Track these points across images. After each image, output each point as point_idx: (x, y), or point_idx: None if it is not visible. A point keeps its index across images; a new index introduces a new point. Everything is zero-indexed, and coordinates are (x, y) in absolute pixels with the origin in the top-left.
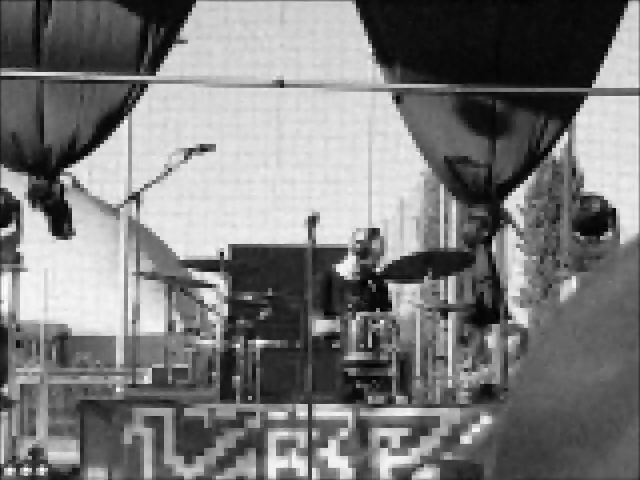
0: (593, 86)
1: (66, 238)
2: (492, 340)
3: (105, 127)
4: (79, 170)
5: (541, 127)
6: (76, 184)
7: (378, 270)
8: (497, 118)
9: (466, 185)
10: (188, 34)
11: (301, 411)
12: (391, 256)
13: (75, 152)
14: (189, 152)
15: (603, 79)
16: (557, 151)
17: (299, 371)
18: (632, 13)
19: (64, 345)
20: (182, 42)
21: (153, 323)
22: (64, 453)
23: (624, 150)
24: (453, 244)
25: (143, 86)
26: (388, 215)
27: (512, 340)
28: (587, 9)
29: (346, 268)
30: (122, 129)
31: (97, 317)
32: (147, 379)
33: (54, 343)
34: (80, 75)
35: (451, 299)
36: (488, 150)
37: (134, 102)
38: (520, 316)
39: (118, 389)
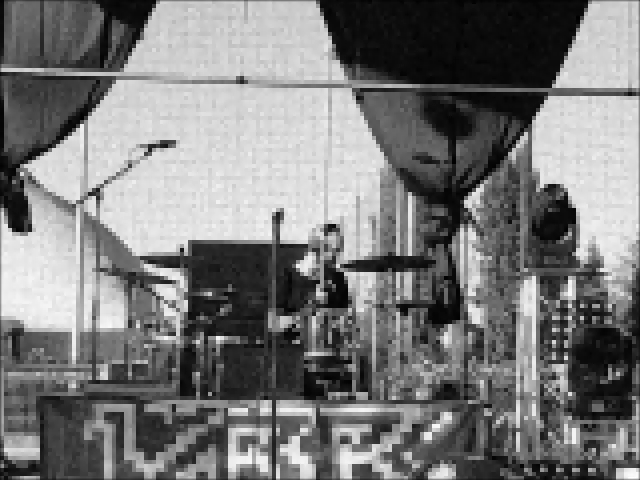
0: (553, 86)
1: (25, 233)
2: (447, 339)
3: (68, 125)
4: (34, 165)
5: (502, 126)
6: (31, 179)
7: (337, 267)
8: (458, 117)
9: (426, 185)
10: (150, 30)
11: (262, 408)
12: (347, 254)
13: (38, 149)
14: (150, 148)
15: (563, 79)
16: (513, 151)
17: (260, 367)
18: (592, 14)
19: (18, 341)
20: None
21: (110, 319)
22: (18, 449)
23: (580, 150)
24: (409, 242)
25: (106, 84)
26: (345, 213)
27: (467, 339)
28: (547, 9)
29: (306, 265)
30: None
31: (51, 313)
32: (105, 375)
33: (7, 339)
34: (41, 71)
35: (408, 297)
36: (449, 149)
37: (97, 100)
38: (475, 315)
39: (73, 385)
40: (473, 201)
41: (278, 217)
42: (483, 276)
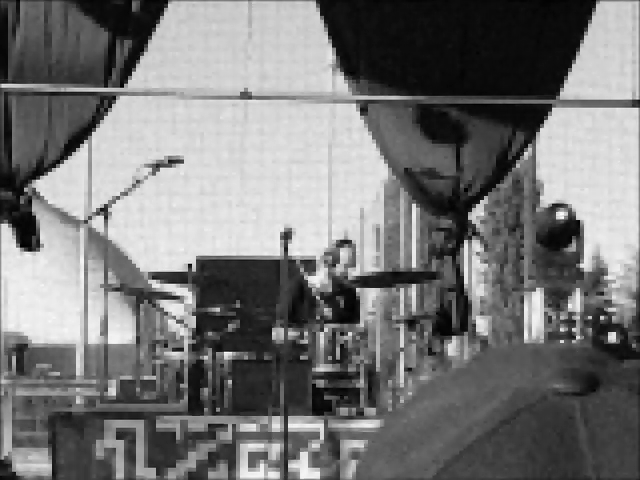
0: (558, 97)
1: (33, 250)
2: (452, 349)
3: (73, 141)
4: (40, 181)
5: (508, 138)
6: (36, 195)
7: (347, 282)
8: (463, 129)
9: (432, 196)
10: (154, 46)
11: (272, 423)
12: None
13: (43, 166)
14: (157, 165)
15: (568, 90)
16: (519, 162)
17: (268, 383)
18: (596, 25)
19: (23, 356)
20: None
21: (116, 334)
22: (26, 465)
23: (583, 160)
24: (413, 253)
25: (111, 100)
26: (349, 225)
27: (472, 349)
28: (552, 20)
29: (318, 279)
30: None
31: (57, 328)
32: (113, 391)
33: (12, 353)
34: (46, 87)
35: (413, 310)
36: (454, 161)
37: (102, 116)
38: (480, 325)
39: (79, 401)
40: (476, 213)
41: (287, 235)
42: (487, 286)
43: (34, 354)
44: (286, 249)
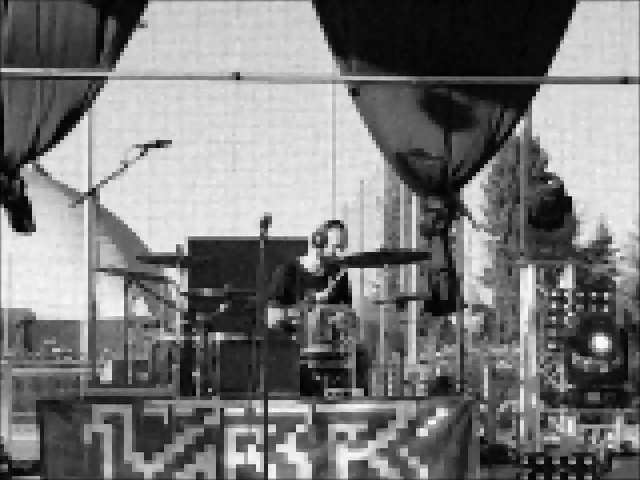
0: (548, 74)
1: (27, 233)
2: (457, 320)
3: (66, 123)
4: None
5: (497, 117)
6: (39, 169)
7: (336, 263)
8: (452, 109)
9: (421, 177)
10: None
11: (259, 407)
12: (354, 239)
13: (37, 150)
14: (145, 148)
15: (561, 66)
16: (520, 130)
17: (257, 365)
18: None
19: (29, 331)
20: (141, 26)
21: (116, 309)
22: (23, 444)
23: (590, 135)
24: (413, 228)
25: (102, 82)
26: (349, 201)
27: (476, 319)
28: None
29: (309, 261)
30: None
31: (62, 302)
32: (108, 372)
33: (19, 328)
34: (37, 72)
35: (413, 289)
36: (444, 142)
37: (93, 97)
38: (484, 295)
39: (82, 378)
40: (480, 180)
41: (266, 223)
42: (491, 256)
43: (40, 329)
44: (264, 236)
